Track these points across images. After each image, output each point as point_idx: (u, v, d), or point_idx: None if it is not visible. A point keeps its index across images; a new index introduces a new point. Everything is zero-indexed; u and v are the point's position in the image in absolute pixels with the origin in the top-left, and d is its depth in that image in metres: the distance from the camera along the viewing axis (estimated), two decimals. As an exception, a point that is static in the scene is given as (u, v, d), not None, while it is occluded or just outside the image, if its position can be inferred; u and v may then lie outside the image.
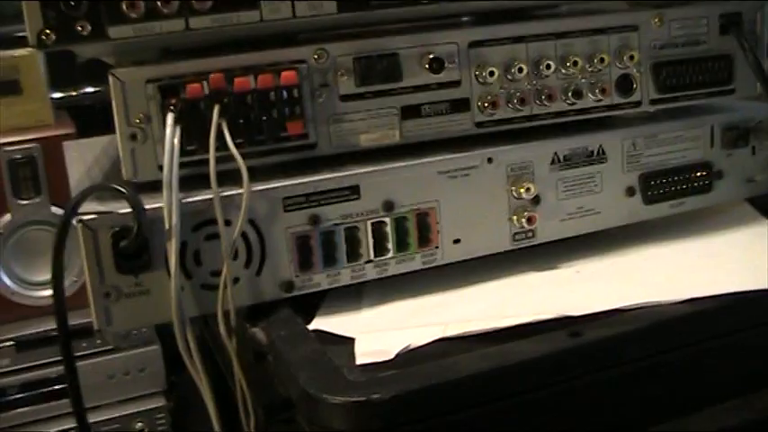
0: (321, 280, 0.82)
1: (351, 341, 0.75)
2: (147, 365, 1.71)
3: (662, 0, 0.92)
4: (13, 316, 1.63)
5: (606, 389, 0.74)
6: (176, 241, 0.75)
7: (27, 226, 1.63)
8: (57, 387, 1.62)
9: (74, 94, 1.97)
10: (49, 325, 1.62)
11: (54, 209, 1.63)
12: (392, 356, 0.72)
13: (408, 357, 0.72)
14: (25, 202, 1.62)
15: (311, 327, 0.79)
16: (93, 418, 1.63)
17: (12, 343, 1.62)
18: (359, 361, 0.72)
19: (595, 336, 0.72)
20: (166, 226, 0.75)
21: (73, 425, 0.86)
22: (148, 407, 1.71)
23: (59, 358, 1.61)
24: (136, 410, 1.70)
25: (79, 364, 1.62)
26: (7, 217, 1.61)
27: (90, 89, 2.00)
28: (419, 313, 0.81)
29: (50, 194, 1.62)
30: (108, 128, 0.86)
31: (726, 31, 0.93)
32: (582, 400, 0.73)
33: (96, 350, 1.68)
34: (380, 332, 0.77)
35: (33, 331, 1.63)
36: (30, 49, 1.63)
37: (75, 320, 1.59)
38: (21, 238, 1.62)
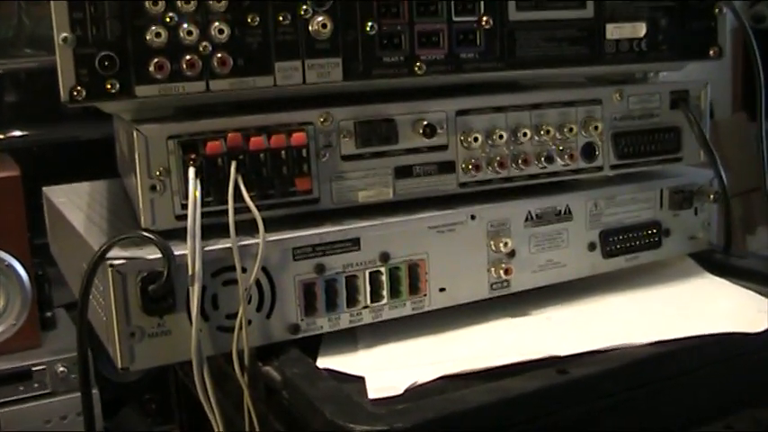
0: (323, 323, 0.89)
1: (358, 378, 0.83)
2: (86, 409, 1.72)
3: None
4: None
5: (591, 420, 0.82)
6: (199, 286, 0.81)
7: (-32, 269, 1.64)
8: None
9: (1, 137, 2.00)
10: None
11: (-3, 251, 1.64)
12: (401, 392, 0.80)
13: (415, 393, 0.80)
14: (-33, 244, 1.63)
15: (320, 365, 0.86)
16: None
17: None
18: (371, 396, 0.80)
19: (580, 373, 0.82)
20: (189, 272, 0.81)
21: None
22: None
23: (3, 400, 1.63)
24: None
25: (16, 408, 1.67)
26: (-51, 259, 1.62)
27: (18, 132, 2.04)
28: (413, 354, 0.89)
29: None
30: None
31: (675, 106, 1.06)
32: (570, 429, 0.82)
33: (33, 394, 1.68)
34: (386, 370, 0.84)
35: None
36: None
37: (12, 364, 1.64)
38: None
